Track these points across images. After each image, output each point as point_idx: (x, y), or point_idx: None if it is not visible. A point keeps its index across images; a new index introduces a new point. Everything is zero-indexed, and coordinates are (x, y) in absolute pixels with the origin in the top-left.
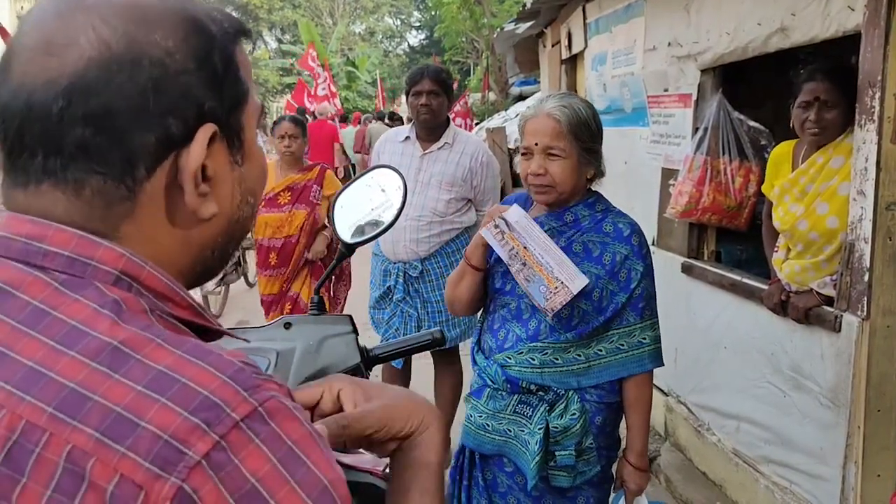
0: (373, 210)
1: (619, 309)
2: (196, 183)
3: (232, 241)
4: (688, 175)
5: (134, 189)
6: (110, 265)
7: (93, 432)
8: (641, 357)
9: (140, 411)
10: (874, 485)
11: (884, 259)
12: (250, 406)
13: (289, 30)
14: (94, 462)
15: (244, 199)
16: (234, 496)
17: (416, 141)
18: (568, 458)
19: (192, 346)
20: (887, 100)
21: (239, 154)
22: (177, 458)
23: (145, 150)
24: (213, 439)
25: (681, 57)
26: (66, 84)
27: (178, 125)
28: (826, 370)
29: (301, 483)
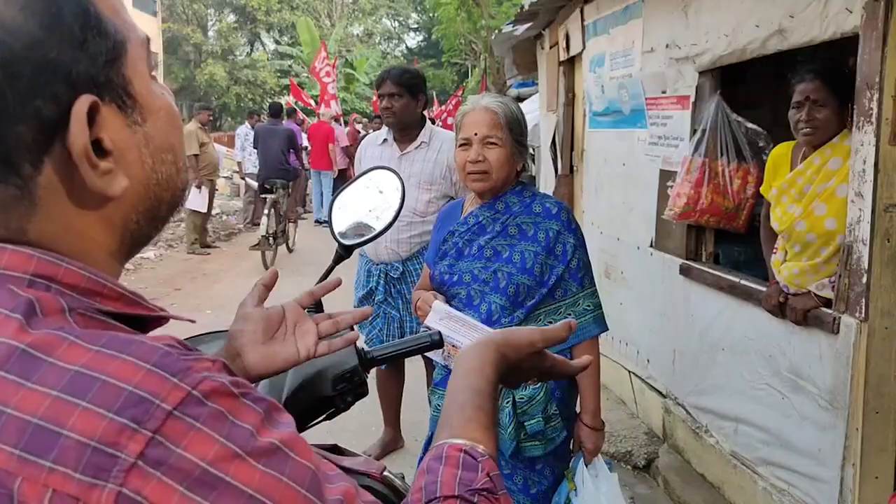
0: (370, 211)
1: (559, 280)
2: (92, 163)
3: (161, 203)
4: (686, 177)
5: (26, 187)
6: (20, 270)
7: (12, 450)
8: (587, 324)
9: (60, 420)
10: (872, 486)
11: (882, 261)
12: (182, 392)
13: (287, 31)
14: (21, 482)
15: (157, 158)
16: (184, 485)
17: (394, 143)
18: (537, 424)
19: (109, 338)
20: (885, 101)
21: (136, 112)
22: (109, 464)
23: (21, 145)
24: (145, 436)
25: (679, 59)
26: None
27: (49, 106)
28: (824, 372)
29: (252, 453)
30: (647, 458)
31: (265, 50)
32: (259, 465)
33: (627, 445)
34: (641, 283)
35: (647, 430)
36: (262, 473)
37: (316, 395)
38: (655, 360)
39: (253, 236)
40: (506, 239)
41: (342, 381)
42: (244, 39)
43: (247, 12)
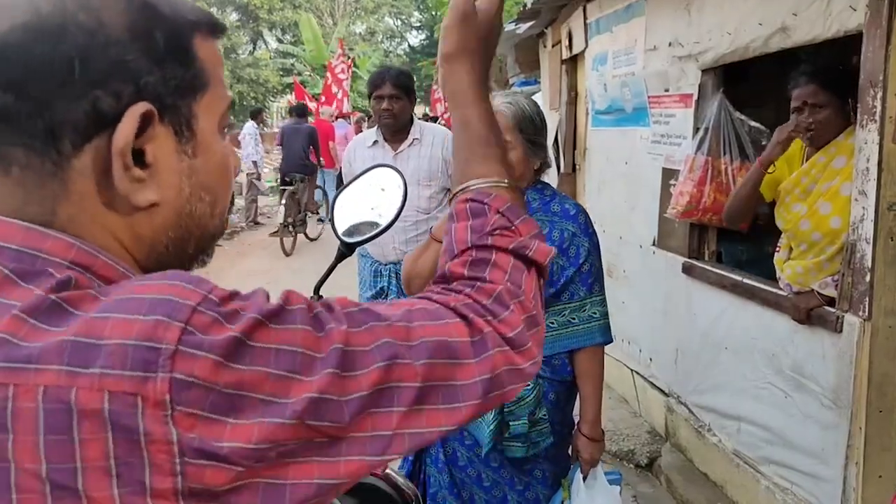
0: (372, 209)
1: (568, 282)
2: (126, 165)
3: (190, 237)
4: (689, 175)
5: (60, 164)
6: (60, 256)
7: (59, 367)
8: (592, 330)
9: (96, 334)
10: (875, 486)
11: (885, 260)
12: (199, 294)
13: (289, 30)
14: (76, 392)
15: (195, 194)
16: (224, 356)
17: (385, 143)
18: (521, 427)
19: (131, 280)
20: (889, 100)
21: (189, 145)
22: (154, 356)
23: (71, 123)
24: (178, 327)
25: (682, 57)
26: None
27: (108, 101)
28: (827, 371)
29: (271, 317)
30: (649, 456)
31: (267, 48)
32: (277, 326)
33: (630, 444)
34: (644, 281)
35: (649, 429)
36: (283, 331)
37: None
38: (658, 358)
39: (254, 235)
40: None
41: None
42: (246, 38)
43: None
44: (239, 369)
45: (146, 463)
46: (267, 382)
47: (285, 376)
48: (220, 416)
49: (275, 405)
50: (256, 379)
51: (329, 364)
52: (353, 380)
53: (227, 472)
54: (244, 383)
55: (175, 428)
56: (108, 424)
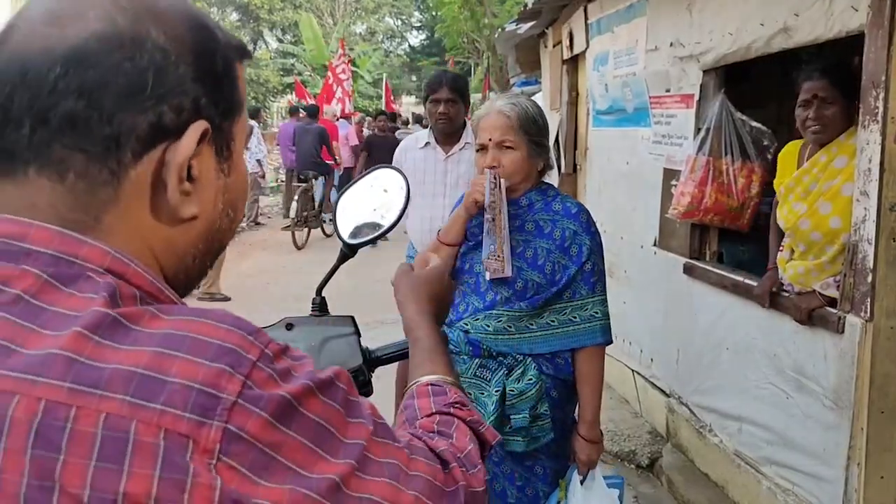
0: (375, 210)
1: (570, 281)
2: (181, 178)
3: (210, 252)
4: (690, 175)
5: (118, 173)
6: (95, 263)
7: (123, 397)
8: (593, 330)
9: (162, 369)
10: (877, 486)
11: (887, 260)
12: (258, 348)
13: (289, 30)
14: (136, 424)
15: (225, 210)
16: (275, 416)
17: (437, 146)
18: (522, 420)
19: (186, 309)
20: (891, 100)
21: (226, 164)
22: (213, 403)
23: (134, 134)
24: (240, 380)
25: (683, 57)
26: (65, 53)
27: (171, 116)
28: (829, 371)
29: (318, 388)
30: (650, 457)
31: (268, 48)
32: (323, 398)
33: (631, 445)
34: (645, 281)
35: (650, 430)
36: (325, 405)
37: None
38: (659, 359)
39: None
40: (522, 234)
41: None
42: (247, 38)
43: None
44: (283, 431)
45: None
46: (300, 451)
47: (315, 451)
48: (255, 475)
49: (299, 476)
50: (293, 445)
51: (351, 455)
52: (363, 482)
53: None
54: (282, 446)
55: (218, 475)
56: (159, 462)
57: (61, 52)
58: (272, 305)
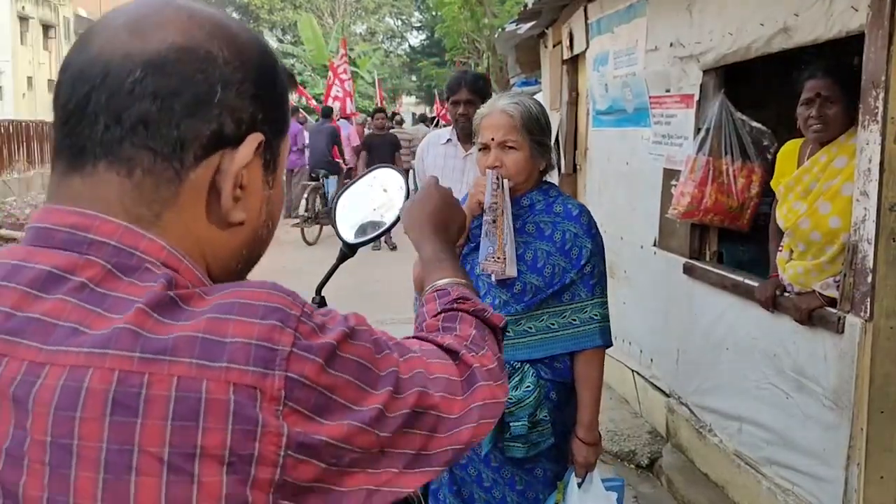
0: (374, 210)
1: (569, 284)
2: (235, 184)
3: (251, 259)
4: (690, 176)
5: (180, 174)
6: (153, 256)
7: (191, 360)
8: (592, 332)
9: (221, 332)
10: (877, 486)
11: (887, 260)
12: (299, 307)
13: (289, 30)
14: (207, 383)
15: (267, 220)
16: (325, 362)
17: (458, 143)
18: (521, 428)
19: (227, 285)
20: (891, 100)
21: (271, 176)
22: (272, 355)
23: (198, 139)
24: (291, 333)
25: (683, 57)
26: (145, 59)
27: (232, 127)
28: (829, 371)
29: (353, 336)
30: (650, 457)
31: None
32: (356, 341)
33: (631, 445)
34: (645, 282)
35: (650, 430)
36: (359, 346)
37: None
38: (659, 359)
39: None
40: (522, 236)
41: None
42: None
43: (249, 11)
44: (333, 374)
45: (256, 453)
46: (350, 389)
47: (361, 387)
48: (317, 415)
49: (352, 411)
50: (343, 384)
51: (388, 383)
52: (400, 400)
53: (313, 468)
54: (335, 387)
55: (285, 421)
56: (231, 415)
57: (141, 58)
58: None
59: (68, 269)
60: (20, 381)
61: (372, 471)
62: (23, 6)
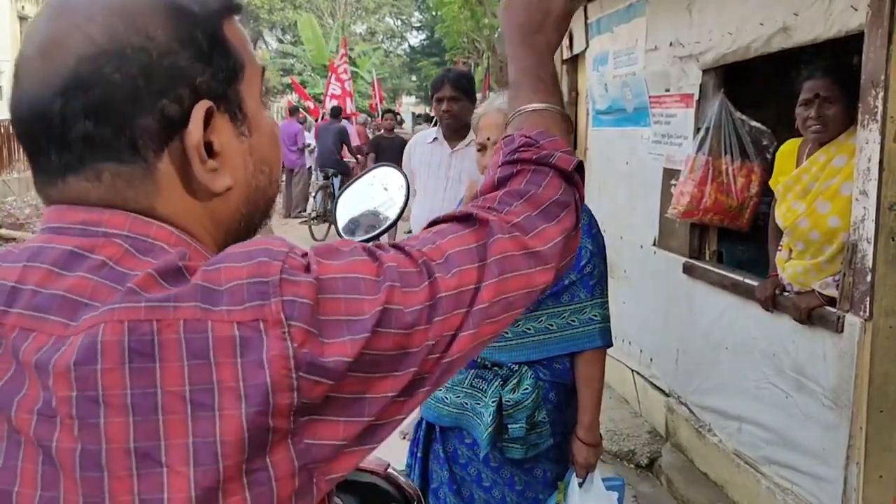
0: (376, 208)
1: (568, 285)
2: (201, 159)
3: (257, 210)
4: (689, 175)
5: (148, 169)
6: (164, 241)
7: (195, 304)
8: (592, 333)
9: (214, 280)
10: (876, 486)
11: (886, 259)
12: (287, 247)
13: (289, 30)
14: (212, 323)
15: (258, 168)
16: (321, 282)
17: (444, 141)
18: (519, 430)
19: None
20: (890, 100)
21: (244, 125)
22: (264, 287)
23: (147, 134)
24: (278, 264)
25: (682, 57)
26: (61, 83)
27: (173, 107)
28: (828, 371)
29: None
30: (650, 456)
31: (267, 48)
32: (333, 260)
33: (630, 444)
34: (645, 281)
35: (650, 429)
36: (338, 263)
37: None
38: (658, 358)
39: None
40: None
41: None
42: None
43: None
44: (324, 297)
45: (269, 380)
46: (342, 305)
47: (354, 298)
48: (321, 335)
49: (354, 322)
50: (333, 303)
51: (388, 279)
52: (411, 293)
53: (327, 387)
54: (325, 308)
55: (291, 343)
56: (238, 349)
57: (58, 83)
58: None
59: (88, 248)
60: (44, 352)
61: (396, 373)
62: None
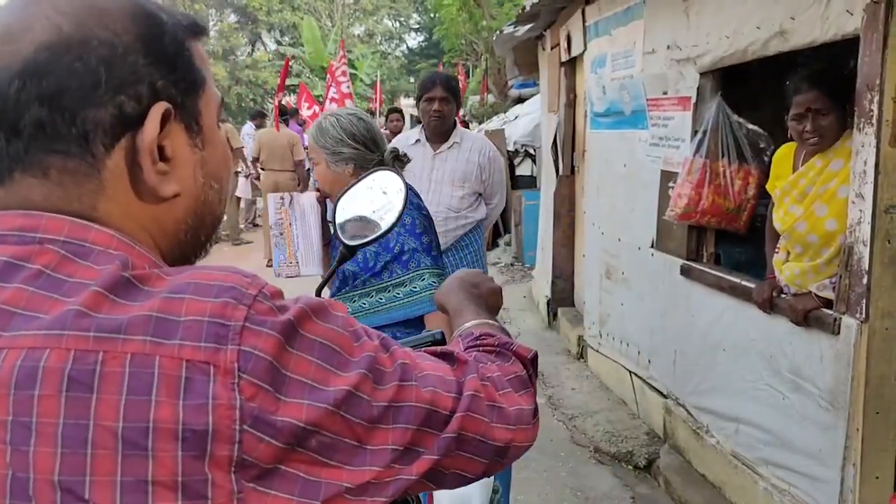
0: (374, 212)
1: (386, 264)
2: (153, 160)
3: (202, 225)
4: (687, 177)
5: (96, 165)
6: (103, 245)
7: (144, 337)
8: (417, 301)
9: (174, 310)
10: (873, 486)
11: (882, 262)
12: (256, 287)
13: (288, 32)
14: (160, 359)
15: (207, 182)
16: (283, 336)
17: (427, 143)
18: None
19: (188, 267)
20: (886, 103)
21: (198, 138)
22: (224, 331)
23: (100, 128)
24: (244, 308)
25: (680, 60)
26: (20, 67)
27: (131, 104)
28: (825, 372)
29: (314, 311)
30: (647, 458)
31: (266, 50)
32: (320, 321)
33: (628, 445)
34: (642, 283)
35: (647, 431)
36: (324, 327)
37: None
38: (656, 360)
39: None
40: None
41: None
42: (245, 40)
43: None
44: (291, 352)
45: (210, 428)
46: (312, 368)
47: (326, 367)
48: (276, 391)
49: (318, 390)
50: (304, 363)
51: (362, 366)
52: (380, 390)
53: (274, 449)
54: (295, 364)
55: (239, 395)
56: (182, 390)
57: (17, 66)
58: None
59: (24, 257)
60: None
61: (351, 467)
62: None
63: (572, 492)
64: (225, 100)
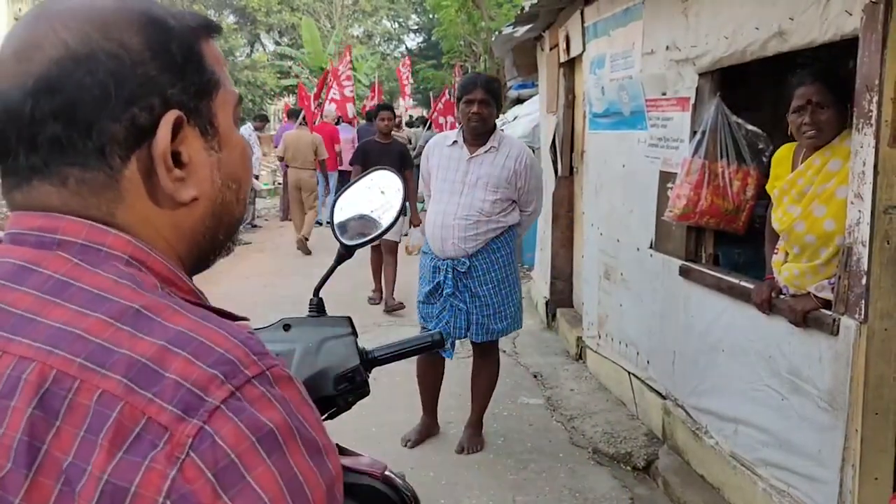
0: (372, 212)
1: None
2: (168, 167)
3: (221, 226)
4: (686, 178)
5: (113, 176)
6: (119, 250)
7: (121, 379)
8: None
9: (164, 363)
10: (872, 487)
11: (881, 262)
12: (259, 368)
13: (287, 32)
14: (124, 405)
15: (226, 184)
16: (255, 436)
17: (464, 145)
18: None
19: (205, 313)
20: (885, 104)
21: (214, 140)
22: (198, 404)
23: (115, 140)
24: (229, 389)
25: (679, 60)
26: (33, 84)
27: (143, 115)
28: (824, 373)
29: (305, 442)
30: (646, 459)
31: (265, 51)
32: (306, 455)
33: (627, 446)
34: (641, 284)
35: (646, 432)
36: (307, 463)
37: (317, 395)
38: (655, 361)
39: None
40: None
41: (344, 380)
42: (244, 40)
43: (247, 13)
44: (260, 455)
45: (132, 489)
46: (275, 490)
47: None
48: (220, 486)
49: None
50: (269, 478)
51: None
52: None
53: None
54: (255, 470)
55: (178, 473)
56: (128, 442)
57: (30, 84)
58: (270, 306)
59: (36, 262)
60: None
61: None
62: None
63: (571, 493)
64: None
